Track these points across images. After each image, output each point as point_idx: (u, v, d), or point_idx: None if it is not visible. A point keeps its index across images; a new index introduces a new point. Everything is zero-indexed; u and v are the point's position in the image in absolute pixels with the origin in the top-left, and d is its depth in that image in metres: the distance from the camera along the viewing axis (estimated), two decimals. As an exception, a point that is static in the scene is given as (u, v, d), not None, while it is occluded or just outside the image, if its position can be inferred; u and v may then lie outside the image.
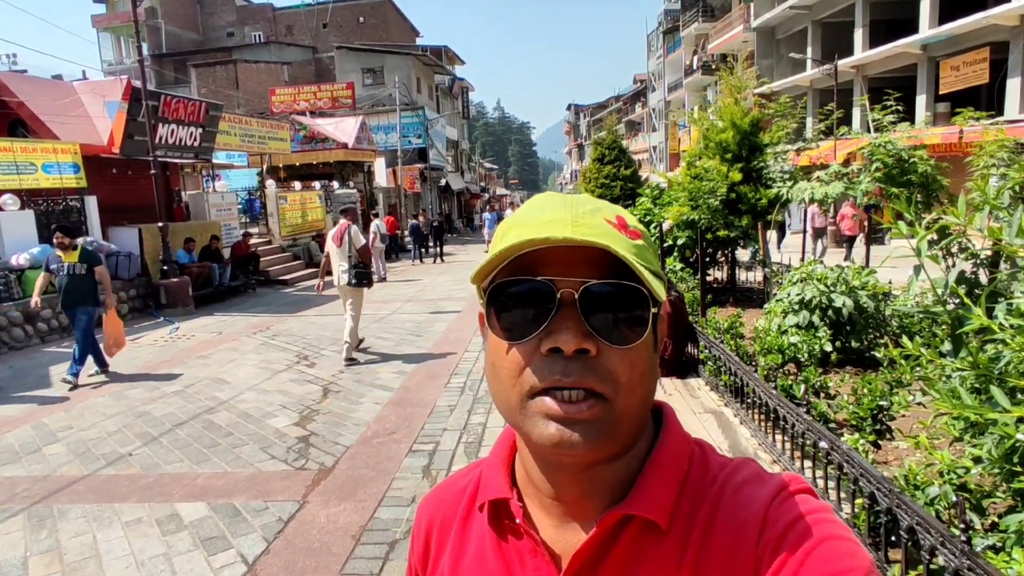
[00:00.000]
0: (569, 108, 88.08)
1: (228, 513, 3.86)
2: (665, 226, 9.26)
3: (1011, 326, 1.68)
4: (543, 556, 0.60)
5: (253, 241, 16.04)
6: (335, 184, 21.47)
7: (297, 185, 19.87)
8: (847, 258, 13.03)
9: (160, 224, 11.67)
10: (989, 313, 1.69)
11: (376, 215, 16.95)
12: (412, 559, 0.75)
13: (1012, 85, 15.72)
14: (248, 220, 19.25)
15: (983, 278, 1.87)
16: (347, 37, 37.89)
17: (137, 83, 11.83)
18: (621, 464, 0.60)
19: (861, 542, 2.63)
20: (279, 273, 15.68)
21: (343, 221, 7.35)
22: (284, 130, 19.20)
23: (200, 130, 13.62)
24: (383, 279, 15.26)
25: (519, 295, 0.57)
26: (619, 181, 15.42)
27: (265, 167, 19.44)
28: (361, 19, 40.76)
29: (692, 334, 6.02)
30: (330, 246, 7.32)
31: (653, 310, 0.58)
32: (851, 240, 14.20)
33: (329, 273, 7.57)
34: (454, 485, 0.74)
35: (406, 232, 23.96)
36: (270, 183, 17.73)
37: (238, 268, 14.13)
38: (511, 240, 0.56)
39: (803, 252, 10.48)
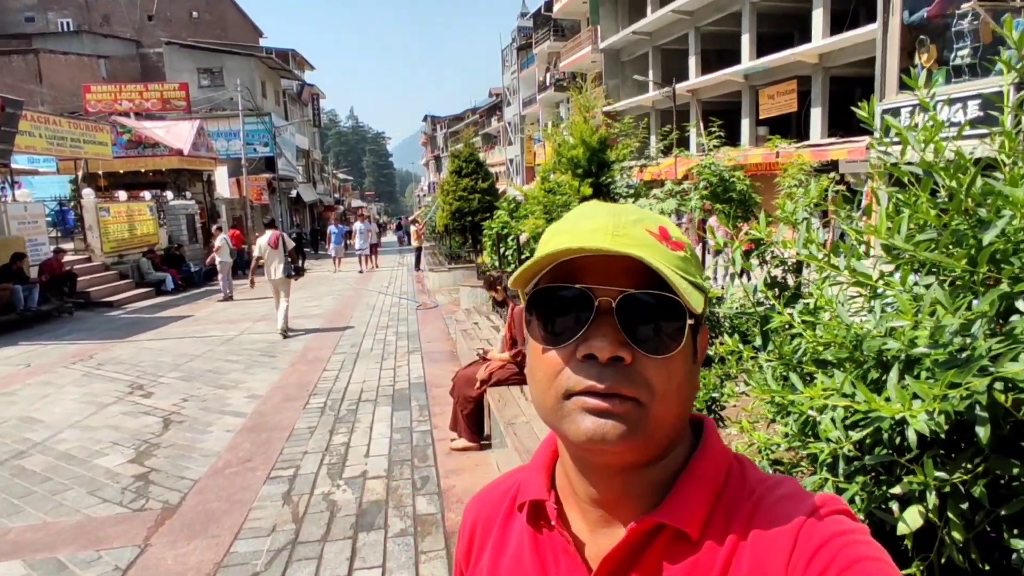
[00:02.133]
0: (426, 119, 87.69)
1: (50, 569, 3.40)
2: (522, 238, 9.61)
3: (802, 321, 1.97)
4: (575, 557, 0.62)
5: (68, 258, 14.10)
6: (169, 194, 19.55)
7: (122, 195, 17.73)
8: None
9: (-55, 240, 9.96)
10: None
11: (220, 229, 15.68)
12: (458, 556, 0.79)
13: (815, 114, 18.41)
14: (60, 234, 16.92)
15: (791, 281, 2.22)
16: (177, 33, 34.57)
17: (-91, 74, 10.00)
18: (656, 471, 0.61)
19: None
20: (103, 294, 13.98)
21: (274, 231, 9.88)
22: (104, 133, 17.11)
23: (-4, 131, 11.81)
24: (229, 298, 14.17)
25: (558, 301, 0.59)
26: (477, 194, 15.70)
27: (81, 174, 17.22)
28: (195, 14, 37.64)
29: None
30: (265, 249, 9.64)
31: (690, 321, 0.58)
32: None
33: (260, 271, 10.01)
34: (498, 487, 0.77)
35: (254, 246, 22.39)
36: (87, 192, 15.72)
37: (50, 290, 12.39)
38: (553, 247, 0.57)
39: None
